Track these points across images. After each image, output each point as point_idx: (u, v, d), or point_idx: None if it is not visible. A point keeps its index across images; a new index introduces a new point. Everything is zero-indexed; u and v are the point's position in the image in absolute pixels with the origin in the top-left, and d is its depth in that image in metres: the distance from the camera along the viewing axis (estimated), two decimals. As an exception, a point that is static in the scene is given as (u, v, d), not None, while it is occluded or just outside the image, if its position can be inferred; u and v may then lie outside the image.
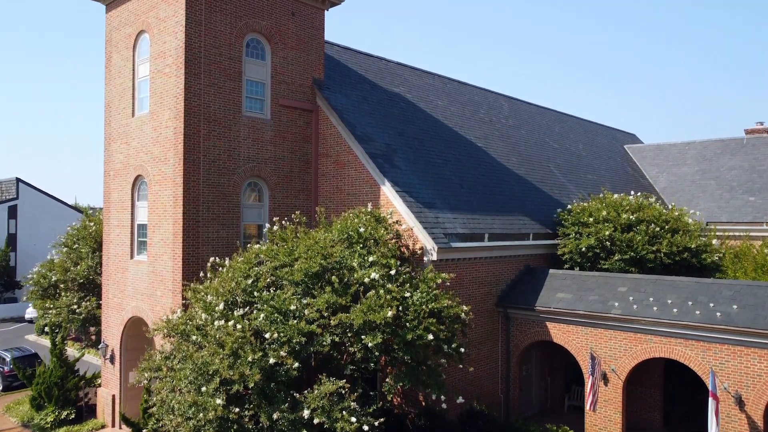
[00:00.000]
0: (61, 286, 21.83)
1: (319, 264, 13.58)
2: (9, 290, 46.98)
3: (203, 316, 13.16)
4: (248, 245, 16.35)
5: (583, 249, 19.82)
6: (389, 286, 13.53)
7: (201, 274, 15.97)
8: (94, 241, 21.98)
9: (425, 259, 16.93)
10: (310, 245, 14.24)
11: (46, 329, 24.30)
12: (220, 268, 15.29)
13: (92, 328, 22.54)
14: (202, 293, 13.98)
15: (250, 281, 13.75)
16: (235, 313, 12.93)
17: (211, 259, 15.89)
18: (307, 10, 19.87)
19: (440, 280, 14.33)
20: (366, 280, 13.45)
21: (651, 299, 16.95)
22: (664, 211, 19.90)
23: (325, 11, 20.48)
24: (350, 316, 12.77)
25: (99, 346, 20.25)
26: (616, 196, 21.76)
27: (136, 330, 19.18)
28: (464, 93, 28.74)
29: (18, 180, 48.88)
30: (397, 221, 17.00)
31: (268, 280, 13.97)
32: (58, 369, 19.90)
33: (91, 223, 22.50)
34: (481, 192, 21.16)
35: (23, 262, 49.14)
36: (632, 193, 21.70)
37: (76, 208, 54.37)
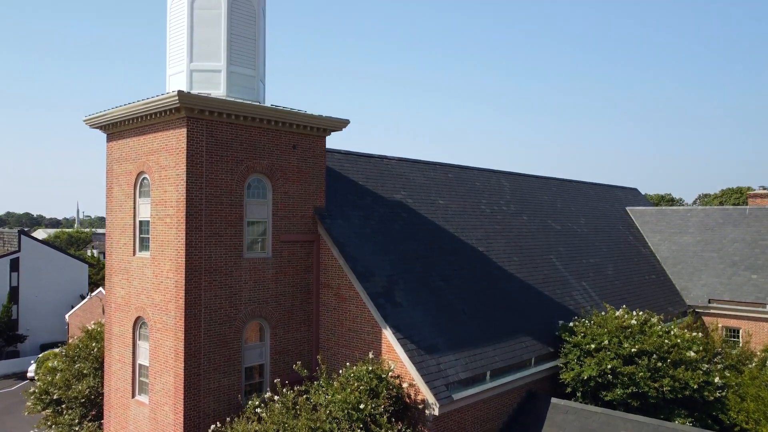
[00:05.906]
0: (63, 405, 21.85)
1: (320, 456, 13.63)
2: (11, 344, 47.05)
3: None
4: (249, 402, 16.39)
5: (585, 378, 19.83)
6: (390, 477, 13.56)
7: (202, 443, 15.99)
8: (96, 360, 22.01)
9: (427, 412, 16.92)
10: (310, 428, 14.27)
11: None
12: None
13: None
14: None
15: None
16: None
17: (212, 426, 15.93)
18: (308, 141, 19.83)
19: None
20: (367, 474, 13.49)
21: (653, 452, 16.95)
22: (666, 341, 19.86)
23: (326, 138, 20.45)
24: None
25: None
26: (618, 312, 21.72)
27: (137, 465, 19.22)
28: (465, 180, 28.70)
29: (20, 232, 48.95)
30: (398, 376, 17.01)
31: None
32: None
33: (93, 343, 22.53)
34: (483, 314, 21.12)
35: (25, 314, 49.29)
36: (634, 312, 21.66)
37: (77, 257, 54.45)
